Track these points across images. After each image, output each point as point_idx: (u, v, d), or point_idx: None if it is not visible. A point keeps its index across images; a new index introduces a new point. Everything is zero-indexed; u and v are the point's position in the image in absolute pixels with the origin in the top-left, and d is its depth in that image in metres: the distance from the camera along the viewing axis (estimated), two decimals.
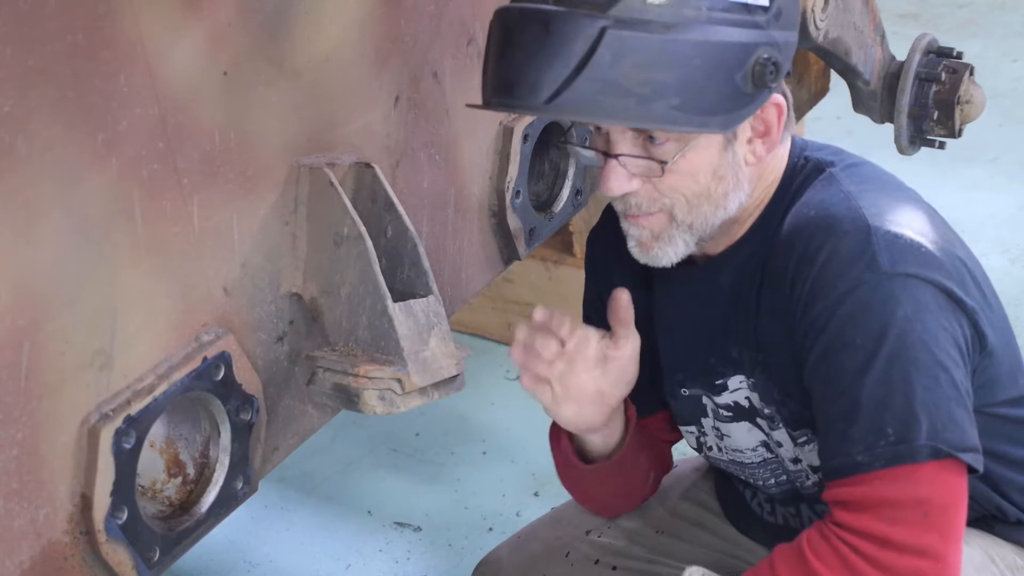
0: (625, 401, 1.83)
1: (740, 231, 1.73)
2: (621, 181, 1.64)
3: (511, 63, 1.55)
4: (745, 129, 1.65)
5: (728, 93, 1.55)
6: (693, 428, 1.91)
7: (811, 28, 2.54)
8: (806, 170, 1.73)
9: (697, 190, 1.64)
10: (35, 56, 1.33)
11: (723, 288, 1.75)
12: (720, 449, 1.90)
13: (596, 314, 1.93)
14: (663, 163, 1.61)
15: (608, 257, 1.90)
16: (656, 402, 1.95)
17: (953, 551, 1.57)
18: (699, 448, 1.96)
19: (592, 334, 1.72)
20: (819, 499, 1.84)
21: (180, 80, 1.51)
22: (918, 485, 1.56)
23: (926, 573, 1.55)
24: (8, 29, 1.30)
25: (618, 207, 1.70)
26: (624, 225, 1.71)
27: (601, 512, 2.08)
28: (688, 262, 1.75)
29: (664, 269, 1.75)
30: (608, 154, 1.64)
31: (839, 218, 1.64)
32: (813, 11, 2.53)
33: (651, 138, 1.61)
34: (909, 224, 1.64)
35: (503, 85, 1.57)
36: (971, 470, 1.59)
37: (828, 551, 1.58)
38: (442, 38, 1.94)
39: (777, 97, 1.64)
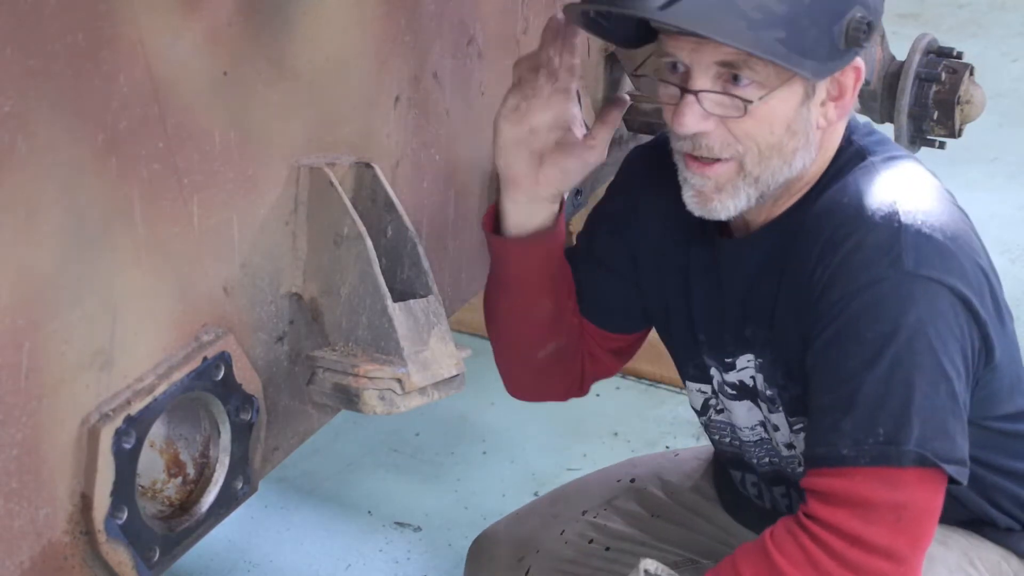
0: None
1: (785, 205, 1.70)
2: (696, 118, 1.59)
3: None
4: (821, 90, 1.62)
5: (825, 41, 1.55)
6: (707, 387, 1.88)
7: None
8: (848, 153, 1.70)
9: (772, 141, 1.61)
10: (35, 56, 1.33)
11: (750, 266, 1.73)
12: (721, 412, 1.88)
13: (599, 231, 1.90)
14: (748, 101, 1.57)
15: (646, 188, 1.84)
16: (630, 324, 1.94)
17: (918, 558, 1.58)
18: (703, 410, 1.92)
19: (573, 108, 1.71)
20: None
21: (180, 80, 1.51)
22: (898, 488, 1.56)
23: (888, 575, 1.55)
24: (8, 29, 1.30)
25: (685, 147, 1.63)
26: (685, 173, 1.65)
27: (514, 381, 2.07)
28: (724, 231, 1.73)
29: (703, 233, 1.73)
30: (687, 89, 1.59)
31: (872, 209, 1.61)
32: None
33: (735, 78, 1.58)
34: (940, 228, 1.61)
35: None
36: (953, 481, 1.59)
37: (793, 547, 1.57)
38: (442, 38, 1.94)
39: (858, 61, 1.62)
